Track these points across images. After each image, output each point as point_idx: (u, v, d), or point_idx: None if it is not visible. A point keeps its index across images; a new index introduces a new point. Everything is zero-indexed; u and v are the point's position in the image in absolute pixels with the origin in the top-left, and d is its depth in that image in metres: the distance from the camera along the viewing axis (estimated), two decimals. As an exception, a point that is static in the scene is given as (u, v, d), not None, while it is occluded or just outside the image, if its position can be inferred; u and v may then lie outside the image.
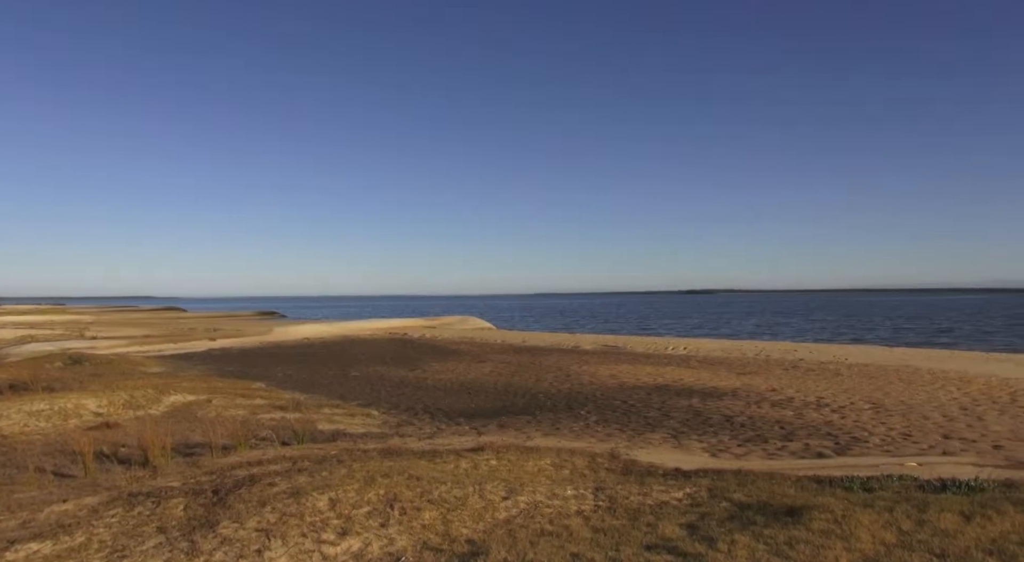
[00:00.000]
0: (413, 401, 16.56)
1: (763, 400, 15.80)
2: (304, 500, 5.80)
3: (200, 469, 7.96)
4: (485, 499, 6.15)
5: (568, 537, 5.19)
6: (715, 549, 4.68)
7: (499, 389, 18.58)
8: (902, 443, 11.03)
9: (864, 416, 13.53)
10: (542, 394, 17.45)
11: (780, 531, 5.00)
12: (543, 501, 6.23)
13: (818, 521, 5.19)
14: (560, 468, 7.94)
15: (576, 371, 22.57)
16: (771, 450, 10.68)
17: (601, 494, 6.55)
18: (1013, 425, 12.34)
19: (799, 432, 12.04)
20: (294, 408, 14.70)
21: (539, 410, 14.90)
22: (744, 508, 5.89)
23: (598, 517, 5.80)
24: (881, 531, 4.90)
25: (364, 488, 6.15)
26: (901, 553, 4.43)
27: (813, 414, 13.87)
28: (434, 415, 14.47)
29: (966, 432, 11.78)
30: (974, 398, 15.57)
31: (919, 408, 14.31)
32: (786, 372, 21.50)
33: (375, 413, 14.70)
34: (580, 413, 14.44)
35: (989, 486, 6.52)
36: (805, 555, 4.46)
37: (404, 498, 5.95)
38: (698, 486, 6.90)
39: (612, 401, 16.04)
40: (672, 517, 5.70)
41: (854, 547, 4.56)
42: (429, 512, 5.70)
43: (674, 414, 14.10)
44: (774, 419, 13.35)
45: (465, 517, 5.68)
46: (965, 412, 13.75)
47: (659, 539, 5.04)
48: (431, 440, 11.21)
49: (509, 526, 5.52)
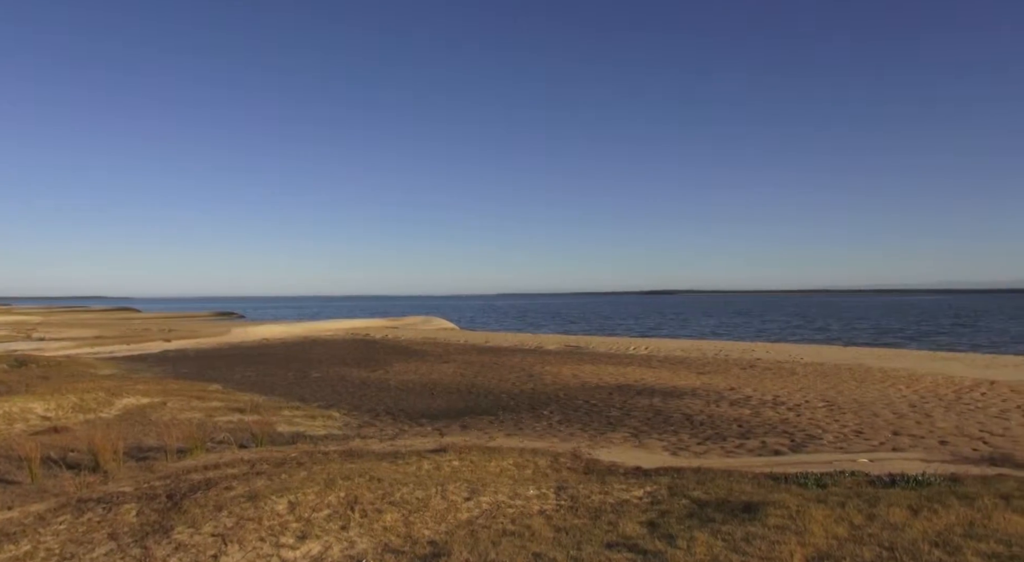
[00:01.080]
0: (375, 402, 16.41)
1: (722, 399, 16.09)
2: (262, 504, 5.70)
3: (154, 473, 7.76)
4: (447, 500, 6.13)
5: (530, 537, 5.21)
6: (675, 546, 4.75)
7: (462, 390, 18.53)
8: (854, 440, 11.35)
9: (818, 414, 13.88)
10: (505, 394, 17.46)
11: (737, 527, 5.10)
12: (505, 501, 6.24)
13: (774, 517, 5.30)
14: (523, 468, 7.96)
15: (539, 371, 22.65)
16: (729, 448, 10.89)
17: (563, 493, 6.59)
18: (958, 421, 12.80)
19: (756, 430, 12.30)
20: (252, 410, 14.43)
21: (502, 410, 14.91)
22: (703, 505, 6.00)
23: (560, 516, 5.84)
24: (834, 526, 5.03)
25: (324, 491, 6.08)
26: (852, 546, 4.55)
27: (770, 412, 14.18)
28: (396, 416, 14.36)
29: (914, 428, 12.18)
30: (922, 396, 16.11)
31: (870, 406, 14.74)
32: (744, 371, 21.93)
33: (336, 415, 14.52)
34: (543, 413, 14.50)
35: (935, 481, 6.77)
36: (761, 550, 4.56)
37: (365, 500, 5.90)
38: (658, 484, 6.99)
39: (575, 401, 16.14)
40: (633, 515, 5.77)
41: (808, 542, 4.68)
42: (391, 514, 5.66)
43: (635, 413, 14.26)
44: (732, 417, 13.61)
45: (427, 518, 5.66)
46: (914, 409, 14.22)
47: (620, 537, 5.09)
48: (393, 441, 11.13)
49: (471, 527, 5.52)
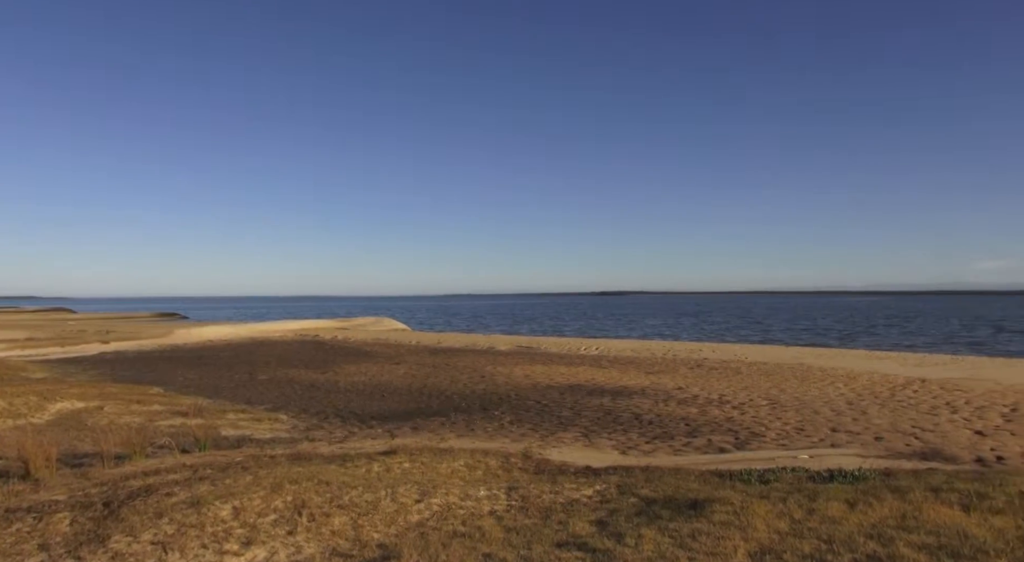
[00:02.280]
0: (324, 404, 16.15)
1: (670, 398, 16.40)
2: (205, 510, 5.54)
3: (89, 481, 7.45)
4: (397, 502, 6.07)
5: (481, 538, 5.21)
6: (623, 544, 4.82)
7: (413, 391, 18.40)
8: (796, 437, 11.72)
9: (762, 412, 14.29)
10: (457, 395, 17.41)
11: (684, 524, 5.21)
12: (456, 502, 6.22)
13: (719, 513, 5.43)
14: (474, 469, 7.95)
15: (491, 372, 22.67)
16: (677, 446, 11.10)
17: (514, 494, 6.61)
18: (892, 418, 13.36)
19: (703, 428, 12.58)
20: (196, 414, 14.00)
21: (454, 411, 14.87)
22: (651, 503, 6.10)
23: (511, 517, 5.85)
24: (775, 521, 5.19)
25: (271, 495, 5.94)
26: (793, 540, 4.70)
27: (716, 411, 14.52)
28: (346, 418, 14.16)
29: (852, 425, 12.65)
30: (859, 393, 16.75)
31: (811, 403, 15.25)
32: (691, 371, 22.40)
33: (284, 417, 14.23)
34: (494, 414, 14.51)
35: (871, 475, 7.05)
36: (706, 546, 4.66)
37: (313, 504, 5.79)
38: (608, 483, 7.08)
39: (526, 401, 16.21)
40: (583, 514, 5.83)
41: (751, 537, 4.81)
42: (339, 518, 5.57)
43: (586, 413, 14.40)
44: (680, 416, 13.88)
45: (377, 521, 5.59)
46: (851, 407, 14.77)
47: (570, 536, 5.14)
48: (342, 444, 10.97)
49: (422, 529, 5.48)
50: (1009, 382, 18.38)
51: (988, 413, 13.76)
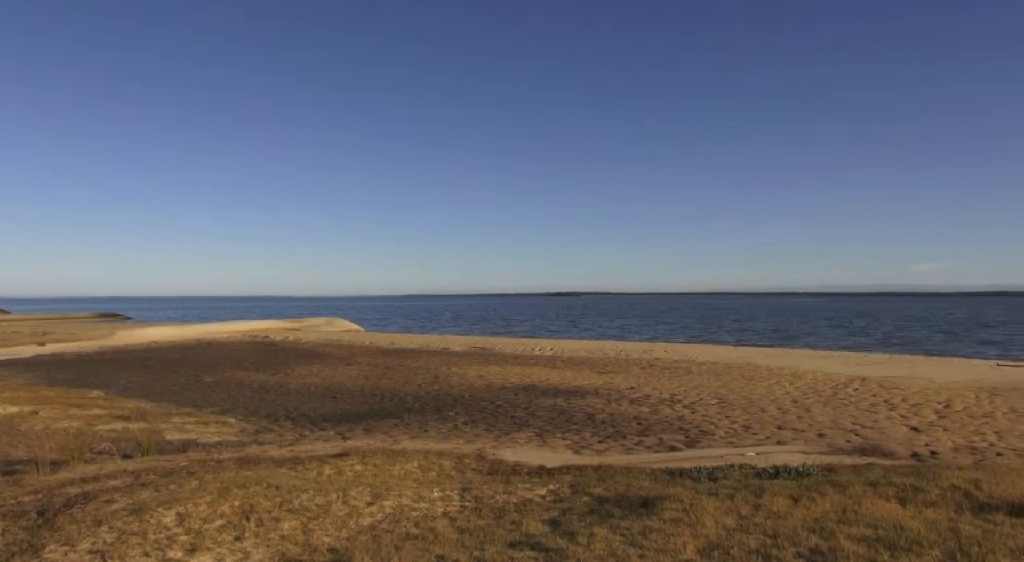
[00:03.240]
0: (274, 407, 15.82)
1: (623, 398, 16.61)
2: (148, 517, 5.36)
3: (22, 489, 7.12)
4: (349, 506, 5.99)
5: (434, 539, 5.18)
6: (575, 543, 4.86)
7: (366, 392, 18.19)
8: (743, 434, 12.01)
9: (711, 411, 14.60)
10: (410, 396, 17.28)
11: (635, 522, 5.29)
12: (409, 504, 6.18)
13: (669, 511, 5.53)
14: (427, 470, 7.90)
15: (445, 373, 22.57)
16: (629, 445, 11.26)
17: (467, 495, 6.60)
18: (834, 415, 13.82)
19: (654, 427, 12.78)
20: (138, 418, 13.55)
21: (407, 413, 14.75)
22: (603, 502, 6.17)
23: (464, 518, 5.84)
24: (724, 517, 5.31)
25: (217, 500, 5.79)
26: (740, 536, 4.82)
27: (667, 410, 14.77)
28: (297, 421, 13.90)
29: (796, 423, 13.04)
30: (803, 392, 17.28)
31: (758, 402, 15.65)
32: (644, 371, 22.74)
33: (232, 420, 13.89)
34: (448, 415, 14.45)
35: (814, 471, 7.28)
36: (657, 543, 4.74)
37: (262, 509, 5.67)
38: (561, 483, 7.13)
39: (480, 402, 16.19)
40: (536, 514, 5.85)
41: (700, 533, 4.91)
42: (289, 522, 5.46)
43: (540, 413, 14.47)
44: (632, 416, 14.08)
45: (327, 525, 5.50)
46: (796, 405, 15.22)
47: (523, 536, 5.15)
48: (293, 447, 10.76)
49: (374, 532, 5.42)
50: (942, 380, 19.23)
51: (923, 410, 14.36)
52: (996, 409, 14.34)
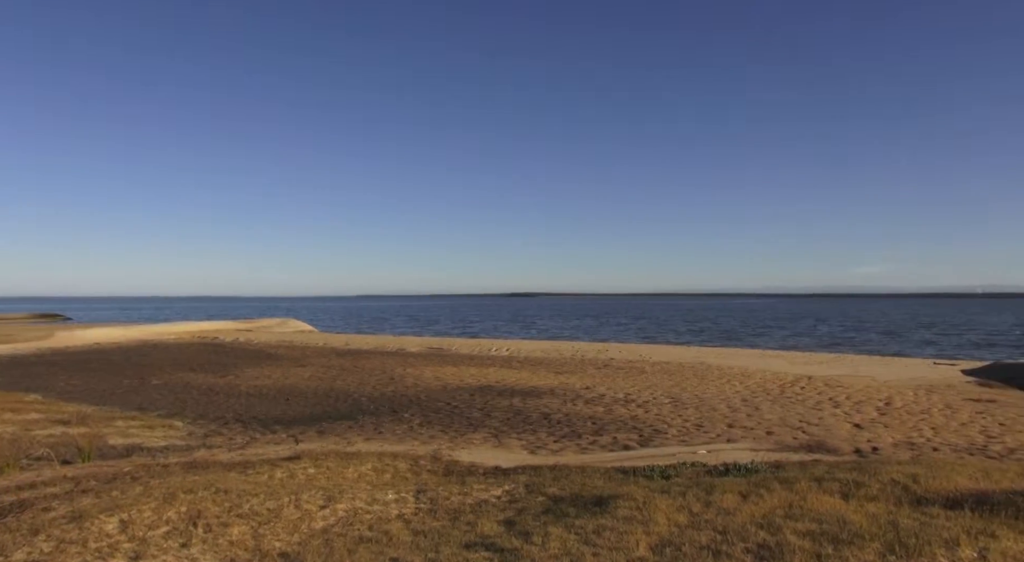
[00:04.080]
0: (224, 409, 15.43)
1: (578, 398, 16.75)
2: (88, 524, 5.17)
3: (-47, 497, 6.79)
4: (301, 509, 5.89)
5: (388, 542, 5.13)
6: (530, 542, 4.88)
7: (320, 394, 17.90)
8: (695, 433, 12.25)
9: (664, 410, 14.84)
10: (365, 398, 17.08)
11: (589, 521, 5.34)
12: (363, 507, 6.11)
13: (622, 509, 5.60)
14: (382, 472, 7.83)
15: (400, 374, 22.38)
16: (584, 444, 11.36)
17: (422, 496, 6.56)
18: (782, 413, 14.21)
19: (609, 427, 12.92)
20: (80, 422, 13.05)
21: (362, 414, 14.57)
22: (558, 501, 6.21)
23: (419, 519, 5.80)
24: (675, 514, 5.40)
25: (163, 506, 5.62)
26: (691, 532, 4.92)
27: (621, 409, 14.96)
28: (247, 424, 13.59)
29: (746, 421, 13.36)
30: (753, 391, 17.71)
31: (709, 401, 15.98)
32: (599, 371, 22.97)
33: (179, 424, 13.49)
34: (404, 416, 14.34)
35: (762, 468, 7.47)
36: (610, 541, 4.80)
37: (210, 514, 5.53)
38: (516, 483, 7.15)
39: (436, 403, 16.11)
40: (491, 514, 5.86)
41: (652, 530, 4.99)
42: (238, 527, 5.34)
43: (496, 414, 14.48)
44: (587, 415, 14.20)
45: (279, 530, 5.40)
46: (745, 403, 15.59)
47: (478, 537, 5.15)
48: (243, 451, 10.53)
49: (326, 535, 5.34)
50: (883, 378, 19.97)
51: (865, 407, 14.88)
52: (933, 406, 14.96)
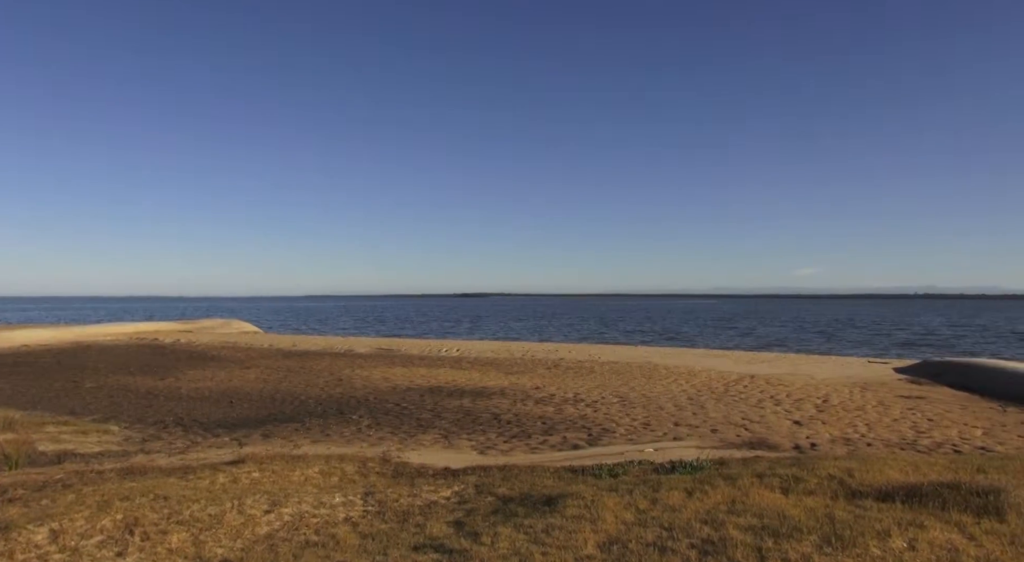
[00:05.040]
0: (163, 413, 14.92)
1: (528, 398, 16.82)
2: (15, 535, 4.93)
3: None
4: (245, 514, 5.74)
5: (335, 546, 5.05)
6: (479, 543, 4.88)
7: (265, 396, 17.49)
8: (643, 432, 12.45)
9: (613, 409, 15.04)
10: (312, 400, 16.77)
11: (538, 520, 5.37)
12: (309, 511, 6.00)
13: (571, 507, 5.65)
14: (329, 475, 7.70)
15: (349, 375, 22.06)
16: (534, 444, 11.41)
17: (371, 499, 6.49)
18: (726, 412, 14.57)
19: (559, 426, 13.02)
20: (6, 428, 12.40)
21: (308, 416, 14.30)
22: (508, 501, 6.22)
23: (367, 522, 5.73)
24: (623, 512, 5.48)
25: (97, 514, 5.40)
26: (638, 530, 5.00)
27: (571, 409, 15.09)
28: (189, 428, 13.17)
29: (691, 419, 13.65)
30: (698, 389, 18.11)
31: (656, 399, 16.27)
32: (549, 371, 23.12)
33: (115, 429, 12.98)
34: (352, 418, 14.14)
35: (707, 465, 7.66)
36: (559, 540, 4.84)
37: (147, 521, 5.34)
38: (466, 484, 7.14)
39: (385, 404, 15.94)
40: (440, 516, 5.83)
41: (600, 528, 5.05)
42: (178, 534, 5.17)
43: (446, 415, 14.42)
44: (537, 415, 14.28)
45: (221, 536, 5.25)
46: (691, 402, 15.94)
47: (427, 539, 5.12)
48: (184, 455, 10.20)
49: (271, 541, 5.22)
50: (822, 376, 20.71)
51: (804, 405, 15.40)
52: (867, 403, 15.59)
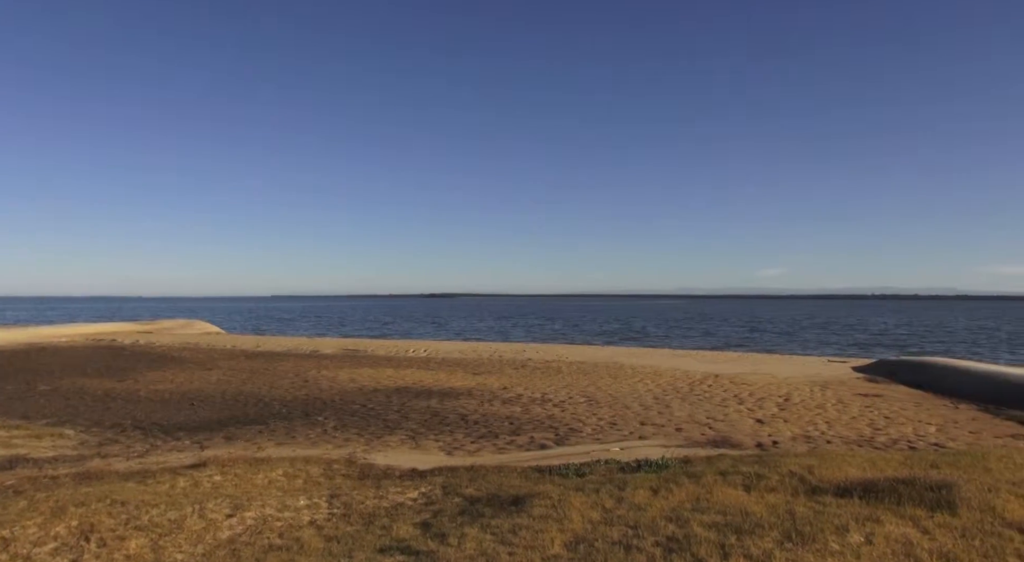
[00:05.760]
0: (122, 416, 14.54)
1: (495, 398, 16.82)
2: (-36, 544, 4.76)
3: None
4: (206, 519, 5.63)
5: (299, 549, 4.99)
6: (446, 544, 4.86)
7: (227, 398, 17.17)
8: (609, 431, 12.55)
9: (580, 409, 15.13)
10: (276, 402, 16.52)
11: (505, 520, 5.37)
12: (273, 514, 5.91)
13: (538, 507, 5.67)
14: (293, 478, 7.60)
15: (314, 376, 21.78)
16: (501, 444, 11.41)
17: (336, 501, 6.42)
18: (691, 410, 14.77)
19: (526, 426, 13.05)
20: (-46, 432, 11.96)
21: (273, 419, 14.08)
22: (475, 502, 6.22)
23: (332, 525, 5.67)
24: (589, 511, 5.52)
25: (51, 521, 5.24)
26: (604, 528, 5.04)
27: (538, 409, 15.13)
28: (148, 431, 12.86)
29: (657, 418, 13.81)
30: (664, 389, 18.33)
31: (623, 399, 16.41)
32: (516, 371, 23.15)
33: (70, 433, 12.61)
34: (317, 419, 13.96)
35: (672, 463, 7.75)
36: (526, 540, 4.85)
37: (104, 527, 5.20)
38: (433, 484, 7.11)
39: (351, 405, 15.78)
40: (407, 517, 5.80)
41: (567, 528, 5.08)
42: (136, 540, 5.05)
43: (413, 415, 14.34)
44: (504, 415, 14.29)
45: (181, 541, 5.15)
46: (657, 401, 16.12)
47: (393, 541, 5.08)
48: (143, 459, 9.96)
49: (233, 545, 5.13)
50: (783, 375, 21.13)
51: (766, 403, 15.70)
52: (827, 401, 15.95)
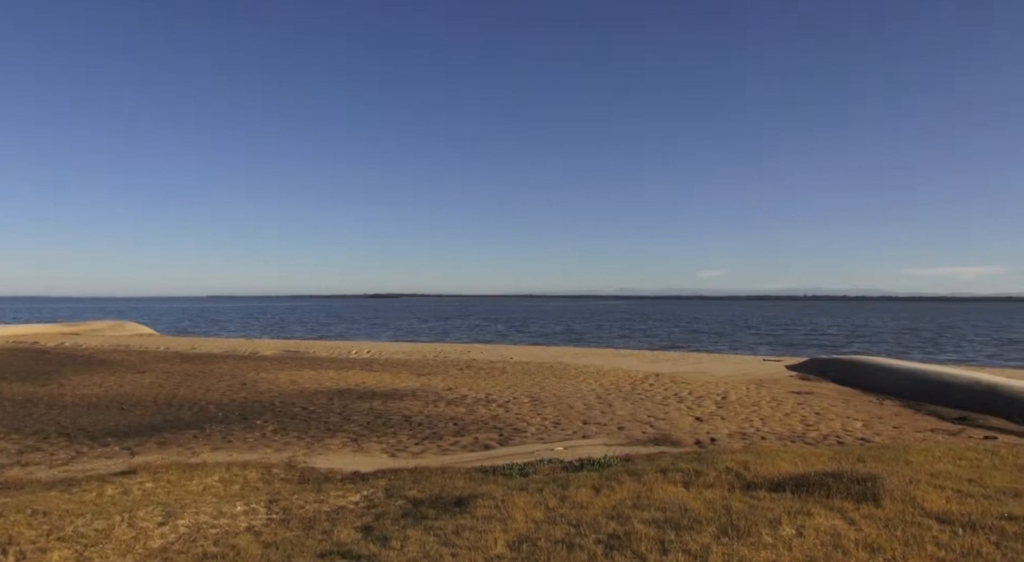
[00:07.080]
0: (44, 422, 13.82)
1: (440, 399, 16.73)
2: None
3: None
4: (136, 528, 5.42)
5: (235, 557, 4.85)
6: (388, 547, 4.81)
7: (160, 402, 16.53)
8: (553, 430, 12.65)
9: (524, 409, 15.20)
10: (213, 405, 16.01)
11: (449, 522, 5.36)
12: (208, 521, 5.73)
13: (482, 508, 5.68)
14: (230, 483, 7.39)
15: (253, 378, 21.20)
16: (445, 446, 11.36)
17: (275, 506, 6.27)
18: (633, 409, 15.04)
19: (470, 427, 13.03)
20: None
21: (209, 423, 13.64)
22: (418, 504, 6.17)
23: (270, 531, 5.53)
24: (533, 510, 5.56)
25: (-35, 535, 4.94)
26: (547, 527, 5.08)
27: (483, 410, 15.13)
28: (74, 437, 12.27)
29: (600, 417, 14.00)
30: (606, 388, 18.60)
31: (566, 399, 16.58)
32: (461, 372, 23.09)
33: (-13, 440, 11.91)
34: (256, 423, 13.60)
35: (614, 462, 7.88)
36: (469, 541, 4.84)
37: (24, 539, 4.94)
38: (375, 487, 7.03)
39: (292, 408, 15.44)
40: (348, 521, 5.71)
41: (510, 527, 5.09)
42: (59, 552, 4.81)
43: (355, 417, 14.13)
44: (448, 416, 14.23)
45: (108, 552, 4.93)
46: (600, 400, 16.34)
47: (334, 545, 5.00)
48: (67, 467, 9.50)
49: (165, 554, 4.95)
50: (721, 374, 21.74)
51: (705, 402, 16.12)
52: (762, 399, 16.49)
